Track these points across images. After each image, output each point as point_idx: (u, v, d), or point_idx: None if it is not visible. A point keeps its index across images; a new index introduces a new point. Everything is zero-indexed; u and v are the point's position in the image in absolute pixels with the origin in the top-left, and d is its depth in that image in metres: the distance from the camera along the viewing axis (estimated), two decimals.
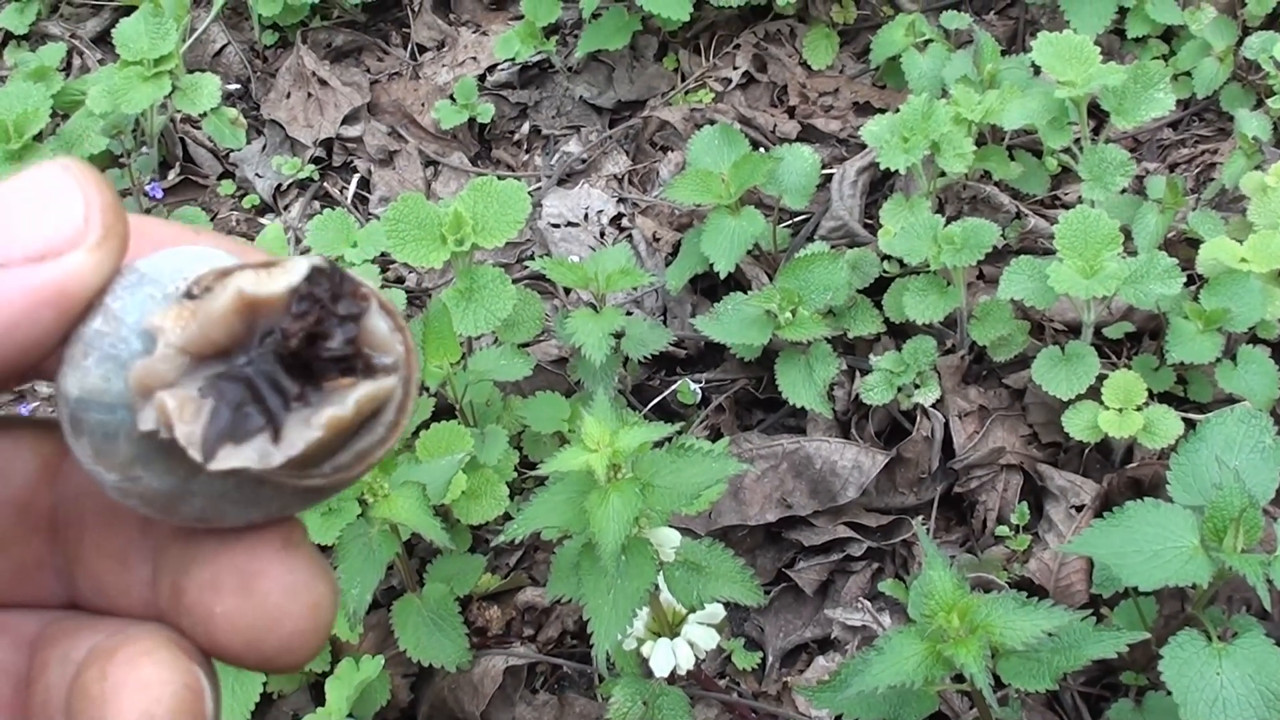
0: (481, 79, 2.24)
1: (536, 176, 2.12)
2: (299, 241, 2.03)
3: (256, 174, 2.18)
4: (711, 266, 1.69)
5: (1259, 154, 1.67)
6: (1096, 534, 1.16)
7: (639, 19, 2.14)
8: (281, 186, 2.16)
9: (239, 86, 2.30)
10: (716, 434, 1.71)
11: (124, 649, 0.35)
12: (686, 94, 2.15)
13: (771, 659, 1.55)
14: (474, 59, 2.28)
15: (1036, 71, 1.77)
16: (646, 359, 1.71)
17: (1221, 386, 1.50)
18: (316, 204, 2.14)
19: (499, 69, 2.24)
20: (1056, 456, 1.62)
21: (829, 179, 1.89)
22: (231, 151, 2.19)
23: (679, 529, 1.18)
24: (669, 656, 1.21)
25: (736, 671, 1.53)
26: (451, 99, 2.17)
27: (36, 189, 0.34)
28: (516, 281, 1.65)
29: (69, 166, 0.35)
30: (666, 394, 1.76)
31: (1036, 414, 1.63)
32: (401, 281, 1.99)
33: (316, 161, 2.19)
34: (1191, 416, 1.48)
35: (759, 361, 1.72)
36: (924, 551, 1.13)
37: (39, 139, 1.78)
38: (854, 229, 1.82)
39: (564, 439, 1.57)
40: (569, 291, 1.90)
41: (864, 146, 1.86)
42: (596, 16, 2.15)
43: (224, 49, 2.34)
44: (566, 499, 1.11)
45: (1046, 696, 1.39)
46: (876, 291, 1.70)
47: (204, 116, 2.04)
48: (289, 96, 2.25)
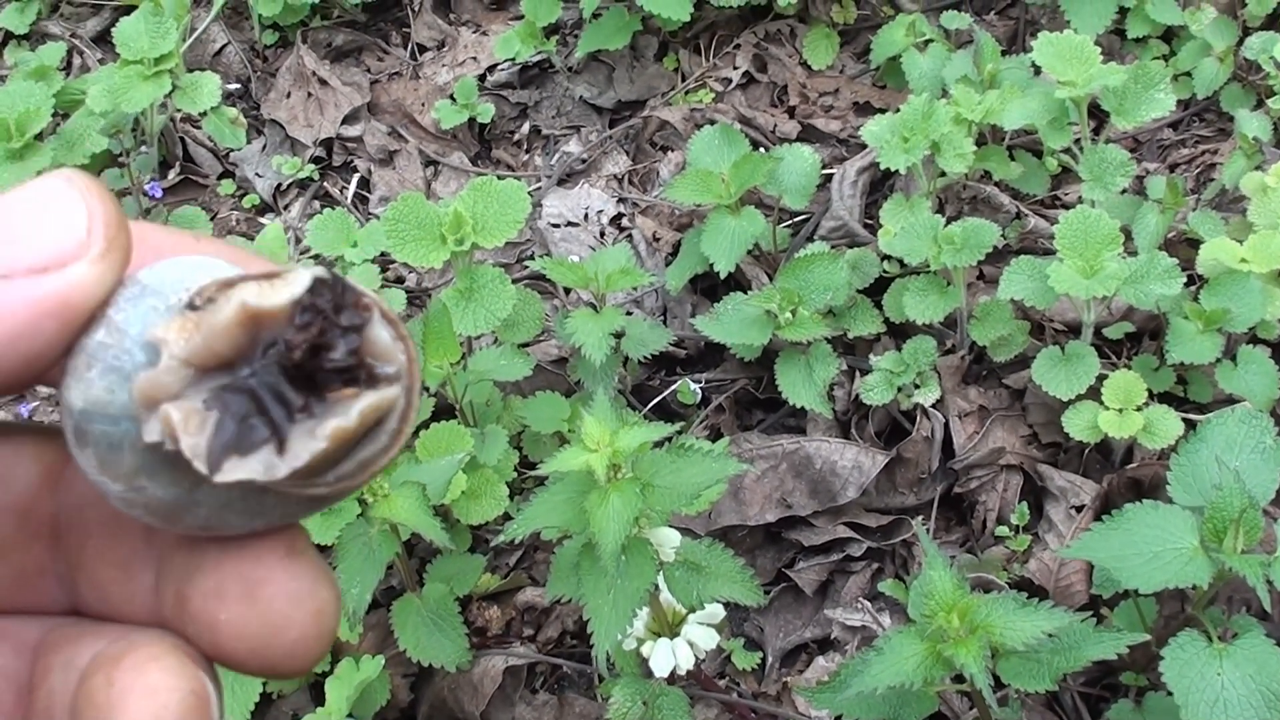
0: (481, 79, 2.24)
1: (536, 176, 2.12)
2: (299, 241, 2.03)
3: (256, 173, 2.18)
4: (711, 266, 1.69)
5: (1259, 154, 1.67)
6: (1096, 537, 1.16)
7: (639, 19, 2.14)
8: (281, 186, 2.16)
9: (239, 86, 2.30)
10: (716, 434, 1.71)
11: (130, 655, 0.35)
12: (687, 94, 2.15)
13: (771, 659, 1.55)
14: (474, 59, 2.28)
15: (1037, 71, 1.77)
16: (646, 359, 1.71)
17: (1221, 387, 1.50)
18: (316, 204, 2.14)
19: (499, 69, 2.24)
20: (1056, 457, 1.62)
21: (829, 179, 1.89)
22: (231, 151, 2.19)
23: (679, 529, 1.18)
24: (669, 656, 1.21)
25: (736, 671, 1.53)
26: (451, 99, 2.17)
27: (40, 200, 0.34)
28: (516, 281, 1.65)
29: (72, 178, 0.35)
30: (666, 394, 1.76)
31: (1036, 414, 1.63)
32: (401, 281, 1.99)
33: (316, 161, 2.19)
34: (1191, 417, 1.48)
35: (759, 361, 1.72)
36: (924, 551, 1.13)
37: (39, 138, 1.78)
38: (854, 229, 1.82)
39: (564, 439, 1.57)
40: (569, 291, 1.90)
41: (864, 146, 1.86)
42: (597, 16, 2.15)
43: (224, 48, 2.33)
44: (566, 499, 1.11)
45: (1046, 697, 1.39)
46: (876, 291, 1.70)
47: (204, 116, 2.04)
48: (289, 96, 2.25)
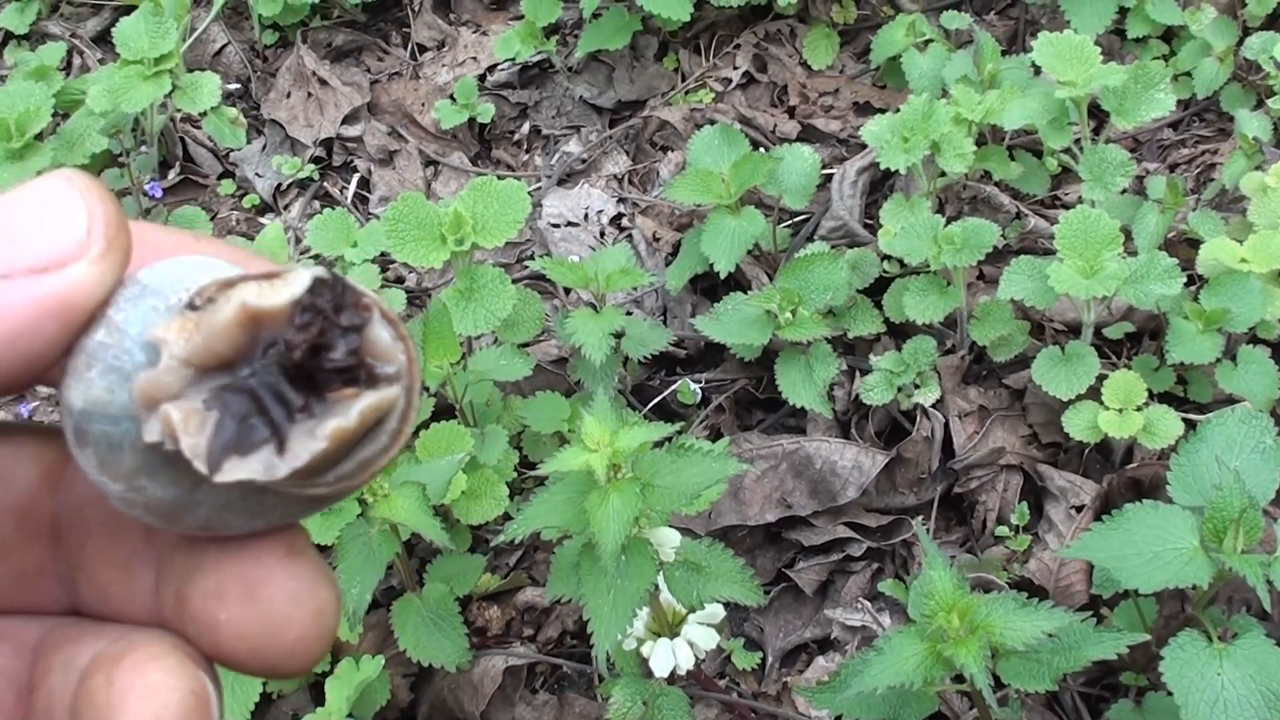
0: (481, 79, 2.24)
1: (536, 176, 2.12)
2: (299, 241, 2.03)
3: (256, 173, 2.18)
4: (711, 266, 1.69)
5: (1259, 154, 1.67)
6: (1096, 538, 1.16)
7: (639, 19, 2.14)
8: (281, 186, 2.16)
9: (239, 86, 2.30)
10: (716, 434, 1.71)
11: (130, 655, 0.35)
12: (687, 94, 2.15)
13: (771, 659, 1.55)
14: (474, 59, 2.28)
15: (1037, 71, 1.77)
16: (646, 359, 1.71)
17: (1221, 387, 1.50)
18: (316, 204, 2.14)
19: (499, 69, 2.24)
20: (1056, 457, 1.62)
21: (829, 179, 1.89)
22: (231, 151, 2.19)
23: (679, 529, 1.18)
24: (669, 656, 1.21)
25: (736, 671, 1.53)
26: (451, 99, 2.17)
27: (40, 200, 0.34)
28: (516, 281, 1.65)
29: (72, 178, 0.35)
30: (666, 394, 1.76)
31: (1036, 414, 1.63)
32: (401, 281, 1.99)
33: (316, 161, 2.19)
34: (1191, 417, 1.48)
35: (759, 361, 1.72)
36: (924, 551, 1.13)
37: (39, 138, 1.78)
38: (854, 229, 1.82)
39: (564, 439, 1.57)
40: (569, 291, 1.90)
41: (864, 146, 1.86)
42: (597, 16, 2.15)
43: (224, 48, 2.33)
44: (566, 499, 1.11)
45: (1046, 697, 1.39)
46: (876, 291, 1.70)
47: (204, 116, 2.04)
48: (289, 96, 2.25)
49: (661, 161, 2.08)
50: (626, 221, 2.02)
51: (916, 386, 1.61)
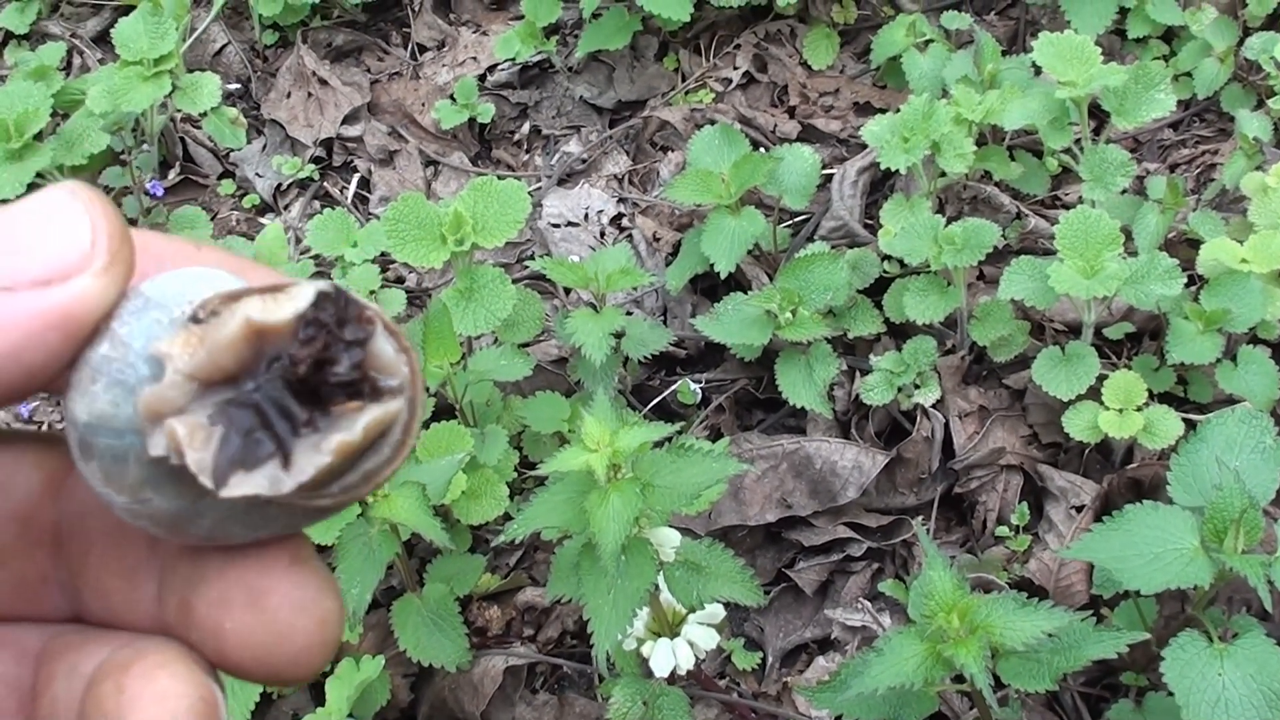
0: (482, 79, 2.24)
1: (537, 176, 2.12)
2: (299, 241, 2.03)
3: (257, 173, 2.18)
4: (712, 266, 1.69)
5: (1259, 154, 1.67)
6: (1096, 538, 1.16)
7: (639, 19, 2.14)
8: (282, 186, 2.16)
9: (239, 86, 2.30)
10: (716, 434, 1.71)
11: (139, 662, 0.35)
12: (687, 94, 2.15)
13: (771, 659, 1.55)
14: (474, 59, 2.28)
15: (1037, 72, 1.77)
16: (646, 359, 1.71)
17: (1222, 387, 1.50)
18: (316, 204, 2.14)
19: (499, 69, 2.24)
20: (1057, 457, 1.62)
21: (829, 179, 1.89)
22: (232, 151, 2.19)
23: (679, 529, 1.18)
24: (669, 656, 1.21)
25: (736, 672, 1.53)
26: (452, 99, 2.17)
27: (44, 213, 0.35)
28: (516, 281, 1.65)
29: (76, 190, 0.35)
30: (666, 394, 1.76)
31: (1037, 414, 1.63)
32: (401, 281, 1.99)
33: (317, 161, 2.19)
34: (1192, 417, 1.48)
35: (759, 361, 1.72)
36: (924, 552, 1.13)
37: (39, 138, 1.78)
38: (854, 229, 1.82)
39: (564, 439, 1.57)
40: (569, 291, 1.90)
41: (864, 146, 1.86)
42: (597, 16, 2.15)
43: (224, 48, 2.33)
44: (566, 499, 1.11)
45: (1046, 697, 1.39)
46: (877, 292, 1.70)
47: (204, 116, 2.04)
48: (289, 96, 2.25)
49: (662, 161, 2.08)
50: (627, 221, 2.02)
51: (917, 387, 1.61)
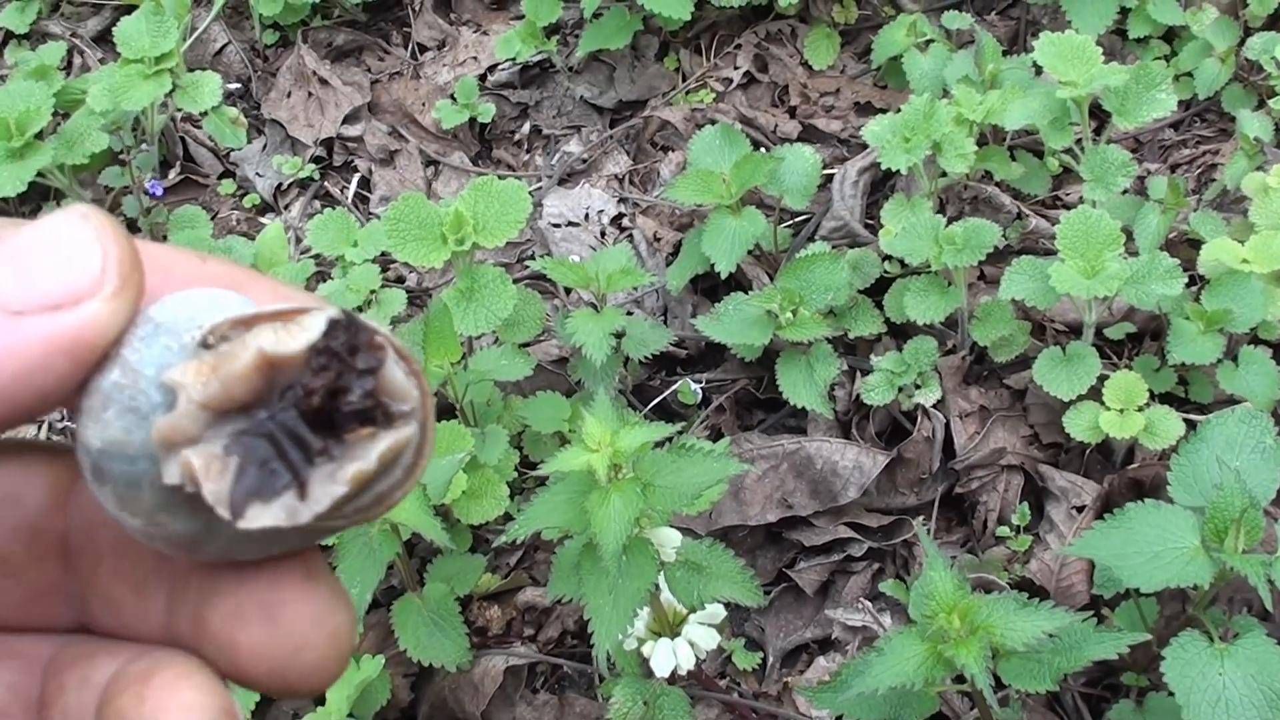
0: (482, 79, 2.24)
1: (537, 176, 2.12)
2: (299, 241, 2.03)
3: (257, 173, 2.18)
4: (712, 266, 1.69)
5: (1260, 155, 1.67)
6: (1097, 536, 1.16)
7: (640, 19, 2.14)
8: (282, 186, 2.16)
9: (240, 85, 2.30)
10: (717, 434, 1.71)
11: (160, 673, 0.36)
12: (687, 94, 2.15)
13: (772, 659, 1.55)
14: (475, 59, 2.28)
15: (1038, 72, 1.77)
16: (647, 359, 1.71)
17: (1223, 387, 1.50)
18: (317, 203, 2.14)
19: (500, 69, 2.24)
20: (1057, 457, 1.62)
21: (830, 179, 1.89)
22: (232, 150, 2.19)
23: (679, 529, 1.18)
24: (669, 656, 1.21)
25: (737, 672, 1.53)
26: (452, 98, 2.17)
27: (55, 237, 0.35)
28: (517, 281, 1.65)
29: (88, 215, 0.35)
30: (667, 394, 1.76)
31: (1037, 414, 1.63)
32: (402, 281, 1.99)
33: (317, 161, 2.19)
34: (1192, 417, 1.48)
35: (760, 361, 1.72)
36: (925, 552, 1.13)
37: (40, 137, 1.78)
38: (855, 229, 1.82)
39: (564, 439, 1.57)
40: (569, 291, 1.89)
41: (865, 147, 1.86)
42: (597, 16, 2.15)
43: (225, 48, 2.33)
44: (567, 499, 1.11)
45: (1047, 697, 1.39)
46: (877, 292, 1.70)
47: (204, 115, 2.04)
48: (290, 96, 2.25)
49: (662, 161, 2.08)
50: (627, 221, 2.01)
51: (917, 387, 1.61)
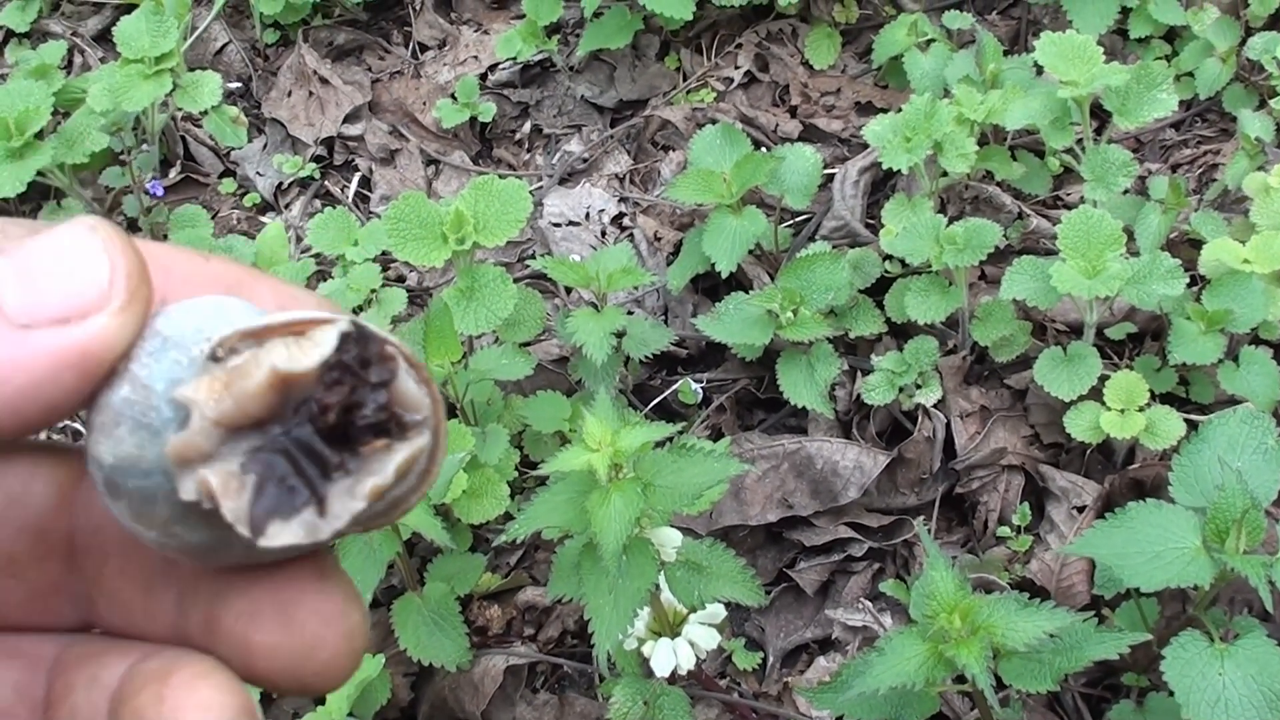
0: (483, 78, 2.24)
1: (538, 175, 2.12)
2: (300, 240, 2.03)
3: (258, 172, 2.18)
4: (713, 266, 1.69)
5: (1261, 155, 1.67)
6: (1098, 535, 1.16)
7: (641, 18, 2.14)
8: (282, 185, 2.16)
9: (240, 85, 2.30)
10: (718, 434, 1.71)
11: (178, 672, 0.36)
12: (688, 93, 2.15)
13: (772, 659, 1.55)
14: (475, 58, 2.28)
15: (1039, 71, 1.77)
16: (648, 358, 1.70)
17: (1224, 387, 1.49)
18: (317, 202, 2.14)
19: (500, 68, 2.24)
20: (1058, 457, 1.62)
21: (831, 179, 1.89)
22: (232, 150, 2.19)
23: (680, 529, 1.18)
24: (670, 656, 1.21)
25: (737, 671, 1.53)
26: (453, 98, 2.17)
27: (62, 250, 0.34)
28: (518, 280, 1.65)
29: (96, 227, 0.35)
30: (668, 394, 1.76)
31: (1038, 414, 1.62)
32: (402, 280, 1.99)
33: (318, 160, 2.19)
34: (1193, 417, 1.47)
35: (760, 361, 1.72)
36: (925, 552, 1.13)
37: (40, 137, 1.78)
38: (856, 229, 1.82)
39: (565, 438, 1.57)
40: (570, 291, 1.89)
41: (866, 146, 1.86)
42: (598, 15, 2.15)
43: (225, 47, 2.33)
44: (568, 499, 1.11)
45: (1048, 697, 1.39)
46: (878, 291, 1.70)
47: (205, 115, 2.04)
48: (290, 95, 2.25)
49: (663, 161, 2.08)
50: (628, 221, 2.01)
51: (918, 387, 1.61)
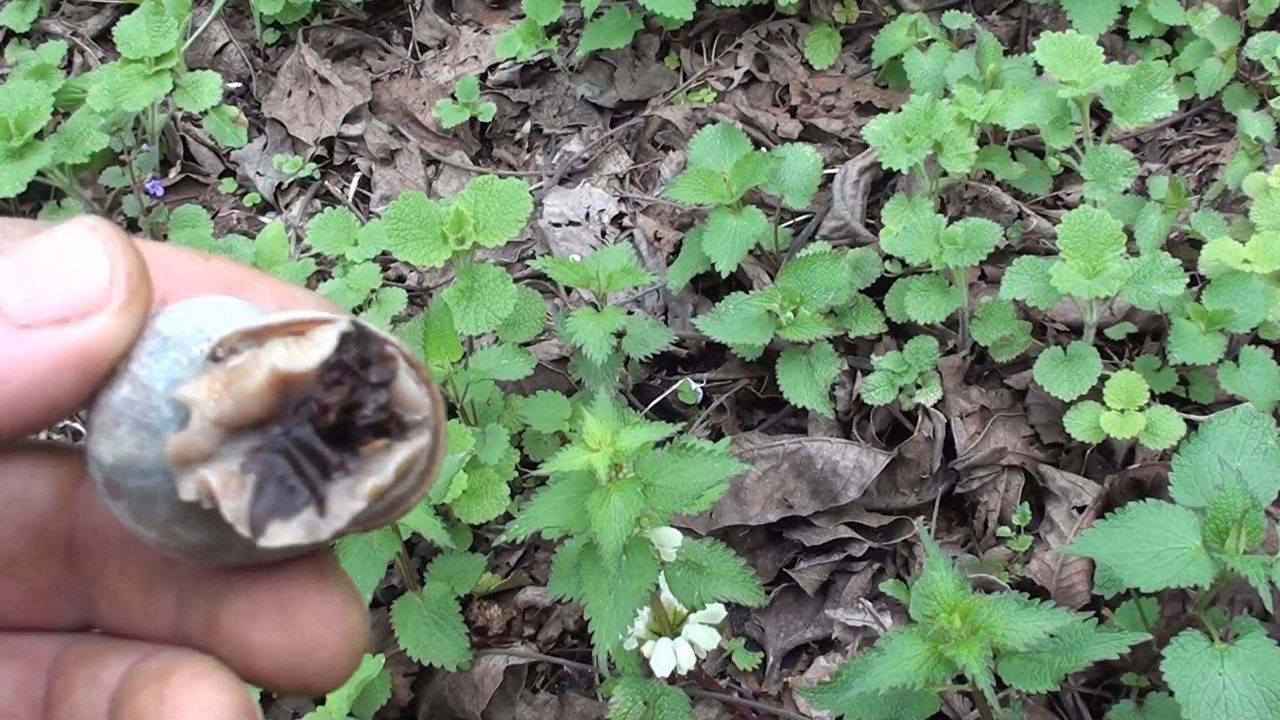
0: (483, 78, 2.24)
1: (538, 175, 2.12)
2: (300, 240, 2.03)
3: (258, 172, 2.18)
4: (713, 266, 1.69)
5: (1261, 155, 1.67)
6: (1098, 535, 1.16)
7: (641, 18, 2.14)
8: (282, 185, 2.16)
9: (240, 85, 2.30)
10: (718, 434, 1.71)
11: (178, 672, 0.36)
12: (688, 93, 2.15)
13: (772, 659, 1.55)
14: (475, 58, 2.28)
15: (1039, 71, 1.77)
16: (648, 358, 1.70)
17: (1224, 387, 1.49)
18: (317, 202, 2.14)
19: (500, 68, 2.24)
20: (1058, 457, 1.61)
21: (831, 179, 1.89)
22: (232, 150, 2.19)
23: (680, 529, 1.18)
24: (670, 656, 1.21)
25: (737, 672, 1.53)
26: (453, 98, 2.17)
27: (62, 250, 0.34)
28: (518, 280, 1.65)
29: (96, 227, 0.35)
30: (668, 394, 1.76)
31: (1038, 414, 1.62)
32: (402, 280, 1.99)
33: (318, 160, 2.19)
34: (1193, 418, 1.47)
35: (760, 361, 1.72)
36: (925, 552, 1.13)
37: (40, 137, 1.78)
38: (856, 229, 1.82)
39: (565, 438, 1.57)
40: (570, 291, 1.89)
41: (866, 146, 1.86)
42: (598, 15, 2.15)
43: (225, 47, 2.33)
44: (568, 499, 1.11)
45: (1048, 697, 1.39)
46: (878, 291, 1.70)
47: (205, 115, 2.04)
48: (290, 95, 2.25)
49: (663, 161, 2.08)
50: (628, 221, 2.01)
51: (918, 387, 1.61)
